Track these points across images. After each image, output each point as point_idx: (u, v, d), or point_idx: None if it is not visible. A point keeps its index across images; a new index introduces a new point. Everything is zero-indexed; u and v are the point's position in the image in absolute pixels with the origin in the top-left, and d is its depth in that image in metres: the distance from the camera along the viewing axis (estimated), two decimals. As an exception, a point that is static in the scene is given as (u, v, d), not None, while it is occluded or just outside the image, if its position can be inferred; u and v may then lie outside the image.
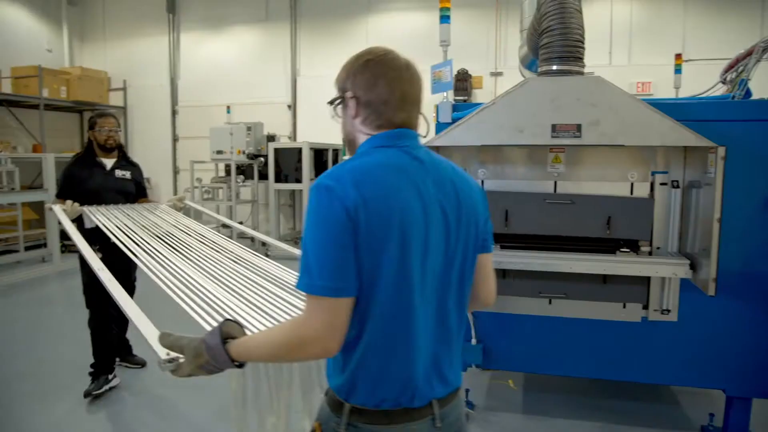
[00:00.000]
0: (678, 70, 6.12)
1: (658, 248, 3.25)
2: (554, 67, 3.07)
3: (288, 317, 1.85)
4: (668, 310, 3.23)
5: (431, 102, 3.54)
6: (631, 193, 3.27)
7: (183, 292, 1.99)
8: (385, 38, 10.46)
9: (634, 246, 3.24)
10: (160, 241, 2.78)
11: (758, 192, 3.09)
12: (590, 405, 3.75)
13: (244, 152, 9.58)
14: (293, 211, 10.97)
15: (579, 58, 3.09)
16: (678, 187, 3.19)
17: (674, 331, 3.26)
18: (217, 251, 2.68)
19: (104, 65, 11.75)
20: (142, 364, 4.39)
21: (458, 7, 9.17)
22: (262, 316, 1.82)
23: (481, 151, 3.40)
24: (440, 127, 3.30)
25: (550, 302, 3.35)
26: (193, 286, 2.07)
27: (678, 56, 6.27)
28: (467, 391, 3.74)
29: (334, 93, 1.49)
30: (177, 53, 11.66)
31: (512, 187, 3.38)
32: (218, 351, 1.30)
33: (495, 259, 3.14)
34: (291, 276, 2.31)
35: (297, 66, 10.94)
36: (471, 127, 3.00)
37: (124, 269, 3.68)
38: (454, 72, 9.42)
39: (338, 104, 1.48)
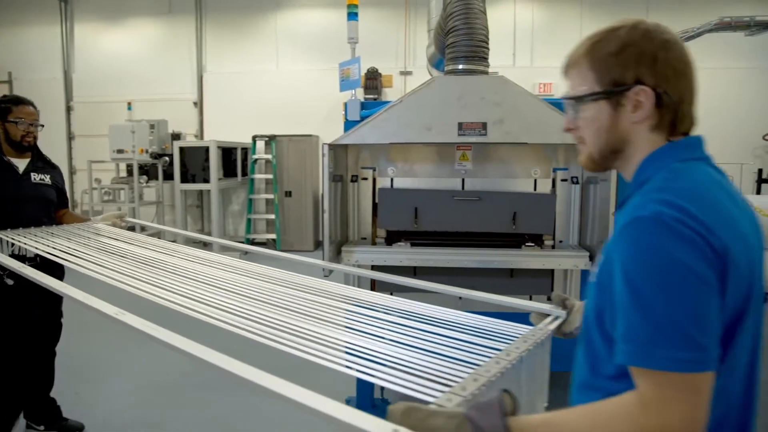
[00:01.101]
0: (576, 72, 6.45)
1: (560, 241, 3.40)
2: (460, 67, 3.12)
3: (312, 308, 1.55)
4: (570, 301, 3.37)
5: (340, 100, 3.52)
6: (535, 189, 3.39)
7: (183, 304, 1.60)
8: (295, 35, 10.33)
9: (538, 240, 3.36)
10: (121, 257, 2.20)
11: (648, 187, 3.30)
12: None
13: (147, 151, 9.15)
14: (201, 212, 10.58)
15: (484, 58, 3.15)
16: (577, 183, 3.34)
17: (576, 321, 3.41)
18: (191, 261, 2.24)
19: (-16, 56, 10.81)
20: (80, 428, 3.42)
21: (368, 5, 9.24)
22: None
23: (390, 149, 3.40)
24: (348, 125, 3.27)
25: (459, 298, 3.40)
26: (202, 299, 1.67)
27: (575, 59, 6.61)
28: (381, 389, 3.73)
29: (245, 89, 1.19)
30: (71, 45, 10.92)
31: (421, 185, 3.41)
32: None
33: (405, 256, 3.18)
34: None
35: (203, 62, 10.55)
36: (379, 125, 2.98)
37: (50, 302, 3.18)
38: (364, 70, 9.47)
39: (600, 99, 1.07)
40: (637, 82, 1.04)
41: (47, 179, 3.22)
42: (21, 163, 3.15)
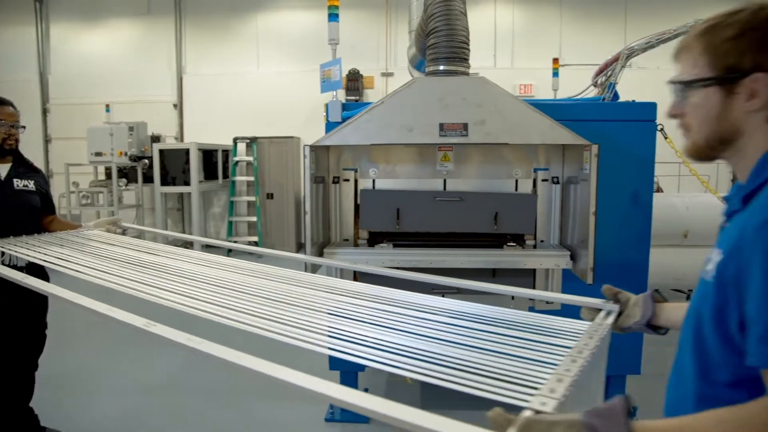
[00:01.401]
0: (555, 74, 6.51)
1: (541, 241, 3.42)
2: (441, 68, 3.13)
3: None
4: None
5: (321, 101, 3.50)
6: (516, 189, 3.41)
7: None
8: (276, 36, 10.29)
9: (519, 240, 3.37)
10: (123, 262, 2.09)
11: (628, 186, 3.34)
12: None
13: (126, 154, 9.03)
14: (182, 215, 10.47)
15: (464, 59, 3.17)
16: (558, 183, 3.37)
17: (558, 320, 3.44)
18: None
19: (-45, 57, 10.59)
20: None
21: (349, 7, 9.23)
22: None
23: (371, 150, 3.40)
24: (330, 126, 3.26)
25: (443, 296, 3.41)
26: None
27: (555, 60, 6.66)
28: (366, 390, 3.73)
29: (225, 91, 1.11)
30: (47, 45, 10.74)
31: (403, 186, 3.42)
32: None
33: (387, 257, 3.17)
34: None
35: (183, 63, 10.45)
36: (360, 127, 2.98)
37: (35, 315, 3.06)
38: (345, 72, 9.45)
39: (711, 85, 1.02)
40: (756, 69, 0.96)
41: (31, 185, 2.97)
42: (2, 169, 2.91)
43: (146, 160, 9.19)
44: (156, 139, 9.64)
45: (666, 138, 3.56)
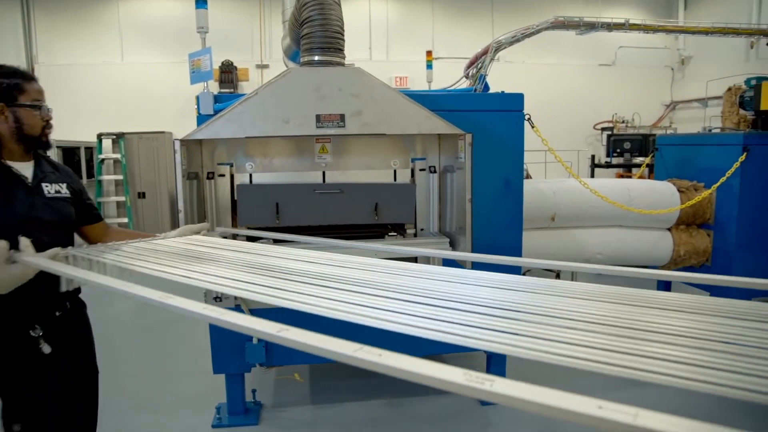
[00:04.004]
0: (429, 66, 6.67)
1: (422, 229, 3.49)
2: (316, 58, 3.07)
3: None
4: (434, 287, 3.49)
5: (193, 94, 3.32)
6: (395, 179, 3.45)
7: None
8: (141, 24, 9.67)
9: (400, 229, 3.42)
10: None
11: (501, 174, 3.49)
12: (373, 385, 3.90)
13: (-32, 154, 8.05)
14: (41, 219, 9.55)
15: (340, 50, 3.14)
16: (435, 172, 3.46)
17: (440, 305, 3.53)
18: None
19: None
20: None
21: (219, -5, 8.86)
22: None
23: (247, 143, 3.28)
24: (202, 119, 3.10)
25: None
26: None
27: (429, 53, 6.83)
28: (254, 391, 3.62)
29: (86, 83, 0.96)
30: None
31: (281, 179, 3.34)
32: None
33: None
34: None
35: (34, 52, 9.49)
36: (234, 119, 2.86)
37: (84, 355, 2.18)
38: (219, 63, 9.10)
39: None
40: None
41: (63, 189, 2.12)
42: (25, 170, 2.03)
43: None
44: (5, 136, 8.70)
45: (533, 127, 3.77)
